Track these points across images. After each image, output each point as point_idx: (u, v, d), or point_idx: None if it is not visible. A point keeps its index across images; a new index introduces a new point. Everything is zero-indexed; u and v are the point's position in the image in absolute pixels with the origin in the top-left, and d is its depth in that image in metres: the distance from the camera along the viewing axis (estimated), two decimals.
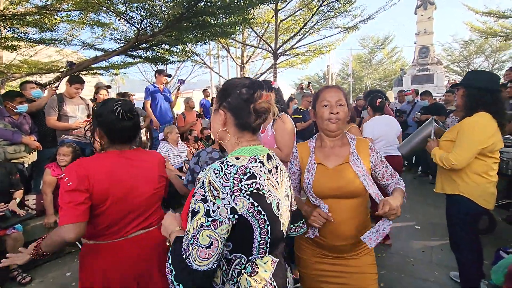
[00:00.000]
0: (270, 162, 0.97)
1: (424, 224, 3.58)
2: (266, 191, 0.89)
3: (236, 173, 0.84)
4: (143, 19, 5.16)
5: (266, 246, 0.90)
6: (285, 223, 0.98)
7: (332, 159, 1.37)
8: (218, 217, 0.80)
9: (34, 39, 7.03)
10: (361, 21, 10.48)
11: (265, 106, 0.93)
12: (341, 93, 1.36)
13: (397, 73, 22.82)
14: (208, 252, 0.79)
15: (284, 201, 0.98)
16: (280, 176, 1.00)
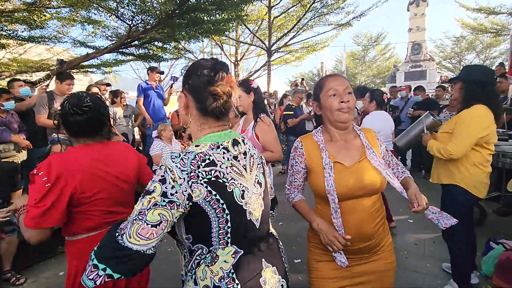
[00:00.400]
0: (236, 148, 0.92)
1: (417, 217, 3.62)
2: (227, 179, 0.85)
3: (194, 159, 0.81)
4: (134, 15, 5.09)
5: (227, 236, 0.86)
6: (255, 212, 0.92)
7: (347, 155, 1.25)
8: (176, 200, 0.77)
9: (23, 37, 6.88)
10: (354, 18, 10.56)
11: (223, 90, 0.86)
12: (346, 81, 1.25)
13: (391, 70, 22.99)
14: (152, 231, 0.75)
15: (253, 189, 0.93)
16: (250, 162, 0.95)
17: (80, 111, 1.21)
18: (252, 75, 13.97)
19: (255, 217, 0.92)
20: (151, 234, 0.75)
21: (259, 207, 0.94)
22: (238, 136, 0.96)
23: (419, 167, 5.88)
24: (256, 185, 0.95)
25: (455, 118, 2.03)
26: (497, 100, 2.02)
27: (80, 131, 1.26)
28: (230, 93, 0.88)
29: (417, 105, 5.74)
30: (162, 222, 0.76)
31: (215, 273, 0.84)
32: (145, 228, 0.74)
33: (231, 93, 0.88)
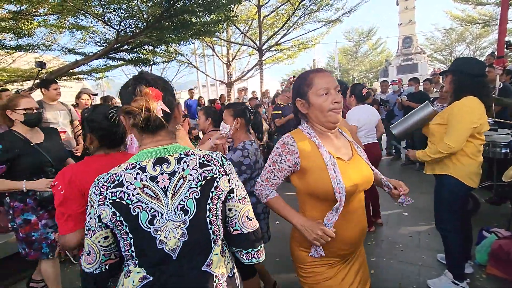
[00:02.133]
0: (158, 168, 0.85)
1: (411, 210, 3.65)
2: (132, 201, 0.81)
3: (106, 181, 0.83)
4: (121, 20, 5.06)
5: (134, 258, 0.84)
6: (169, 241, 0.83)
7: (342, 150, 1.21)
8: (90, 226, 0.84)
9: (11, 46, 6.81)
10: (344, 14, 10.59)
11: (138, 105, 0.80)
12: (334, 78, 1.19)
13: (383, 64, 23.13)
14: (88, 258, 0.86)
15: (171, 215, 0.84)
16: (175, 186, 0.85)
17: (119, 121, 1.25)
18: (244, 74, 13.96)
19: (169, 246, 0.83)
20: (89, 261, 0.86)
21: (177, 236, 0.84)
22: (174, 153, 0.88)
23: (413, 160, 5.92)
24: (178, 212, 0.84)
25: (447, 110, 2.05)
26: (487, 92, 2.04)
27: (113, 141, 1.31)
28: (148, 107, 0.80)
29: (408, 97, 5.78)
30: (91, 251, 0.85)
31: (125, 287, 0.85)
32: (85, 256, 0.86)
33: (148, 106, 0.80)
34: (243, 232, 0.95)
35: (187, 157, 0.89)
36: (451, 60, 23.02)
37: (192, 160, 0.89)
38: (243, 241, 0.96)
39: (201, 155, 0.91)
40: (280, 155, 1.17)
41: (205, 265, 0.88)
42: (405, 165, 5.88)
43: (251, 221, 0.96)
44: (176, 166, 0.86)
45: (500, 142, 3.11)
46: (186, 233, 0.85)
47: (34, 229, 2.03)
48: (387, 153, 6.95)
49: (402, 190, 1.22)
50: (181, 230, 0.84)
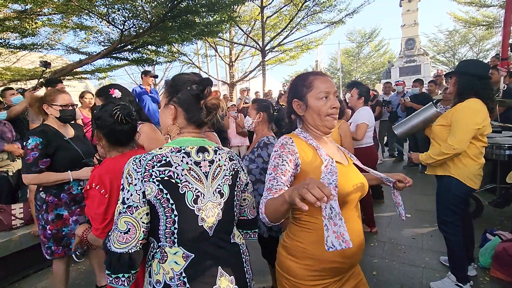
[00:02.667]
0: (201, 155, 0.96)
1: (414, 212, 3.64)
2: (181, 180, 0.88)
3: (150, 160, 0.87)
4: (125, 20, 5.09)
5: (174, 236, 0.89)
6: (208, 219, 0.93)
7: (337, 154, 1.17)
8: (132, 203, 0.85)
9: (15, 45, 6.85)
10: (347, 15, 10.56)
11: (215, 103, 0.98)
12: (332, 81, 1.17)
13: (385, 65, 23.08)
14: (126, 237, 0.86)
15: (210, 197, 0.95)
16: (215, 171, 0.98)
17: (130, 120, 1.30)
18: (247, 75, 13.96)
19: (207, 224, 0.93)
20: (126, 239, 0.86)
21: (215, 215, 0.95)
22: (211, 145, 1.01)
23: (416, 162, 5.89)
24: (216, 194, 0.97)
25: (450, 112, 2.06)
26: (491, 94, 2.04)
27: (123, 140, 1.33)
28: (219, 106, 0.99)
29: (412, 98, 5.76)
30: (130, 228, 0.86)
31: (167, 271, 0.88)
32: (120, 235, 0.86)
33: (219, 106, 0.99)
34: (248, 218, 1.16)
35: (220, 150, 1.04)
36: (454, 62, 22.93)
37: (223, 153, 1.04)
38: (246, 224, 1.17)
39: (227, 151, 1.08)
40: (281, 156, 1.05)
41: (231, 238, 1.03)
42: (407, 167, 5.86)
43: (254, 209, 1.20)
44: (214, 156, 1.00)
45: (504, 144, 3.09)
46: (221, 213, 0.98)
47: (65, 224, 2.03)
48: (389, 155, 6.93)
49: (407, 182, 1.22)
50: (218, 210, 0.97)
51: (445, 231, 2.16)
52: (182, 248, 0.89)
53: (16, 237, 2.71)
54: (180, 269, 0.87)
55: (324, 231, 0.84)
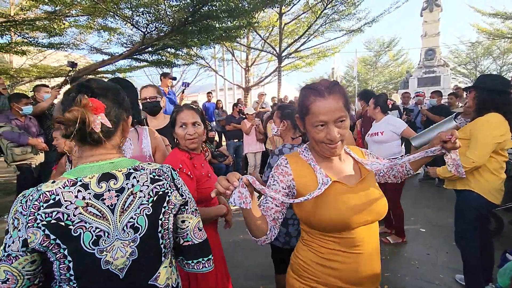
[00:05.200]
0: (104, 185, 0.79)
1: (429, 226, 3.54)
2: (73, 222, 0.74)
3: (37, 200, 0.73)
4: (148, 23, 5.26)
5: (72, 282, 0.75)
6: (116, 261, 0.78)
7: (346, 174, 1.05)
8: (11, 252, 0.72)
9: (43, 44, 7.20)
10: (366, 24, 10.49)
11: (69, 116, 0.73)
12: (340, 101, 0.96)
13: (403, 75, 22.66)
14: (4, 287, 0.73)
15: (119, 234, 0.79)
16: (125, 202, 0.81)
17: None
18: (262, 80, 14.05)
19: (115, 266, 0.78)
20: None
21: (126, 255, 0.80)
22: (122, 168, 0.83)
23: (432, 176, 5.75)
24: (127, 230, 0.80)
25: (469, 126, 2.05)
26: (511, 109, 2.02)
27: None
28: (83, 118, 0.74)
29: (430, 110, 5.65)
30: (9, 278, 0.73)
31: None
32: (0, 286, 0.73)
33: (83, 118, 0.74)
34: (194, 243, 0.95)
35: (137, 172, 0.85)
36: (475, 74, 22.27)
37: (142, 175, 0.86)
38: (194, 251, 0.96)
39: (152, 170, 0.89)
40: (273, 177, 1.05)
41: (152, 279, 0.85)
42: (423, 180, 5.71)
43: (201, 231, 0.98)
44: (125, 182, 0.82)
45: None
46: (136, 251, 0.81)
47: None
48: None
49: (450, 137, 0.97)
50: (131, 248, 0.80)
51: (462, 247, 2.11)
52: None
53: None
54: None
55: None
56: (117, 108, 0.84)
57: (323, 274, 1.01)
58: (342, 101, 0.96)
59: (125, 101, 0.89)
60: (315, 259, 1.03)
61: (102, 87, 0.83)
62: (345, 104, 0.97)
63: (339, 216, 0.95)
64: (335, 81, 1.02)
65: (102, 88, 0.82)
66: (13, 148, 3.35)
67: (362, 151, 1.19)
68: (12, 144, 3.34)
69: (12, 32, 6.58)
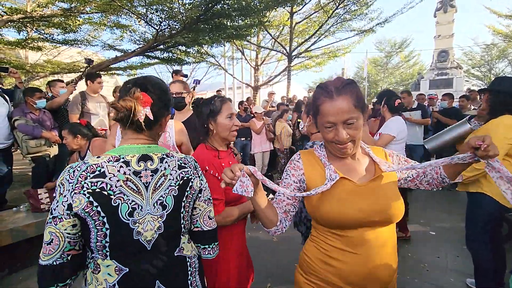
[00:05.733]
0: (142, 164, 0.89)
1: (439, 230, 3.50)
2: (114, 192, 0.83)
3: (84, 170, 0.83)
4: (162, 20, 5.31)
5: (106, 250, 0.84)
6: (146, 233, 0.88)
7: (358, 172, 1.04)
8: (57, 214, 0.81)
9: (58, 40, 7.35)
10: (378, 24, 10.38)
11: (123, 104, 0.86)
12: (350, 102, 0.94)
13: (414, 77, 22.32)
14: (49, 248, 0.81)
15: (150, 209, 0.89)
16: (157, 182, 0.91)
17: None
18: (271, 79, 14.04)
19: (145, 238, 0.88)
20: (49, 251, 0.81)
21: (154, 229, 0.89)
22: (157, 153, 0.94)
23: None
24: (157, 206, 0.90)
25: (483, 128, 2.06)
26: None
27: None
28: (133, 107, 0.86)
29: (441, 112, 5.57)
30: (53, 239, 0.81)
31: (100, 282, 0.85)
32: (44, 247, 0.82)
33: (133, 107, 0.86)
34: (202, 229, 1.06)
35: (168, 158, 0.96)
36: (490, 77, 21.76)
37: (172, 161, 0.97)
38: (202, 238, 1.07)
39: (179, 158, 1.00)
40: (286, 171, 1.11)
41: (176, 251, 0.97)
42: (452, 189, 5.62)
43: (211, 220, 1.08)
44: (159, 165, 0.93)
45: None
46: (163, 226, 0.92)
47: None
48: None
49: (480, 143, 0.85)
50: (158, 223, 0.91)
51: (474, 250, 2.09)
52: (115, 262, 0.85)
53: (40, 222, 2.88)
54: (113, 281, 0.85)
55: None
56: (162, 106, 0.96)
57: (324, 272, 1.02)
58: (352, 102, 0.94)
59: (169, 101, 1.01)
60: (318, 255, 1.04)
61: (155, 85, 0.95)
62: (356, 104, 0.95)
63: (341, 213, 0.96)
64: (349, 80, 1.00)
65: (154, 85, 0.95)
66: (28, 140, 3.44)
67: (386, 152, 1.13)
68: (27, 136, 3.43)
69: (29, 28, 6.73)
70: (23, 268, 2.74)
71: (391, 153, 1.14)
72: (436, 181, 1.10)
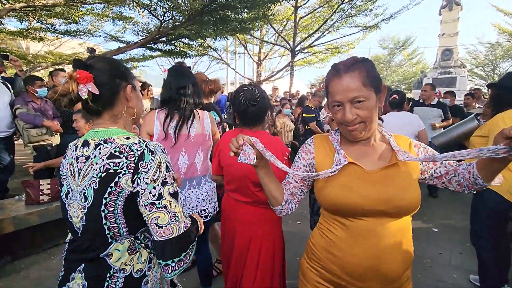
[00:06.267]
0: (81, 150, 0.88)
1: (442, 227, 3.48)
2: (63, 172, 0.92)
3: (68, 148, 0.94)
4: (166, 11, 5.25)
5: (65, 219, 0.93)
6: (74, 219, 0.87)
7: (370, 158, 0.97)
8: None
9: (60, 31, 7.28)
10: (383, 20, 10.29)
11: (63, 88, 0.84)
12: (358, 80, 0.88)
13: (417, 75, 22.19)
14: None
15: (77, 197, 0.86)
16: (85, 170, 0.85)
17: (255, 103, 1.49)
18: (274, 75, 13.97)
19: (75, 223, 0.87)
20: None
21: (78, 218, 0.85)
22: (98, 138, 0.88)
23: None
24: (81, 196, 0.85)
25: (488, 123, 2.06)
26: None
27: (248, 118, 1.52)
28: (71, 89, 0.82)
29: None
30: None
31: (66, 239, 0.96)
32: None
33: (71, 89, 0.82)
34: (154, 239, 0.83)
35: (105, 144, 0.86)
36: (493, 77, 21.64)
37: (106, 148, 0.85)
38: (157, 249, 0.84)
39: (119, 145, 0.85)
40: (298, 154, 1.10)
41: (104, 254, 0.85)
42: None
43: (161, 228, 0.82)
44: (92, 152, 0.86)
45: None
46: (84, 218, 0.85)
47: None
48: None
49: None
50: (81, 213, 0.85)
51: (478, 246, 2.08)
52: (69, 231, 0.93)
53: (52, 208, 2.87)
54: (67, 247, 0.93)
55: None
56: (111, 78, 0.89)
57: (326, 260, 0.99)
58: (361, 79, 0.87)
59: (122, 72, 0.93)
60: (322, 243, 1.02)
61: (97, 60, 0.90)
62: (366, 82, 0.88)
63: (344, 198, 0.92)
64: (361, 58, 0.93)
65: (95, 61, 0.89)
66: (29, 129, 3.42)
67: (412, 142, 1.02)
68: (28, 125, 3.41)
69: (31, 18, 6.67)
70: (25, 256, 2.74)
71: (418, 144, 1.03)
72: (467, 181, 0.93)
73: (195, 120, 1.81)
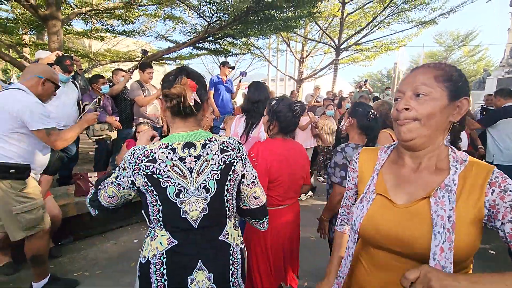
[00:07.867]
0: (187, 151, 0.98)
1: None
2: (162, 176, 0.95)
3: (141, 154, 0.95)
4: (213, 13, 5.41)
5: (160, 222, 0.98)
6: (192, 212, 0.97)
7: (406, 188, 0.82)
8: (122, 183, 0.99)
9: (118, 31, 7.92)
10: (441, 15, 9.41)
11: (174, 91, 0.94)
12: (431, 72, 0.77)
13: (479, 74, 19.97)
14: (110, 199, 1.01)
15: (195, 192, 0.97)
16: (200, 167, 0.98)
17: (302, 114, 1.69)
18: (316, 73, 13.65)
19: (191, 217, 0.98)
20: (109, 201, 1.02)
21: (199, 210, 0.98)
22: (200, 139, 1.01)
23: None
24: (200, 190, 0.98)
25: None
26: None
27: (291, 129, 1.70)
28: (184, 94, 0.94)
29: None
30: (114, 196, 1.01)
31: (152, 249, 0.98)
32: (105, 196, 1.01)
33: (185, 94, 0.94)
34: (250, 208, 1.14)
35: (211, 143, 1.01)
36: None
37: (215, 145, 1.01)
38: (251, 214, 1.16)
39: (222, 141, 1.04)
40: (348, 173, 1.04)
41: (221, 235, 1.04)
42: None
43: (257, 199, 1.13)
44: (201, 151, 0.99)
45: None
46: (207, 207, 0.99)
47: None
48: None
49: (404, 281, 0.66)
50: (203, 204, 0.98)
51: None
52: (168, 233, 0.98)
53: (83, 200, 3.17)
54: (162, 249, 0.97)
55: None
56: (202, 89, 1.03)
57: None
58: (433, 74, 0.76)
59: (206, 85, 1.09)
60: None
61: (194, 72, 1.04)
62: (439, 79, 0.76)
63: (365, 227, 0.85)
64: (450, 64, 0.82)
65: (193, 73, 1.04)
66: (94, 124, 3.80)
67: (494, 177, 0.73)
68: None
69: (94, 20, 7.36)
70: (85, 237, 3.07)
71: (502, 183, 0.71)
72: None
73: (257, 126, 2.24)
